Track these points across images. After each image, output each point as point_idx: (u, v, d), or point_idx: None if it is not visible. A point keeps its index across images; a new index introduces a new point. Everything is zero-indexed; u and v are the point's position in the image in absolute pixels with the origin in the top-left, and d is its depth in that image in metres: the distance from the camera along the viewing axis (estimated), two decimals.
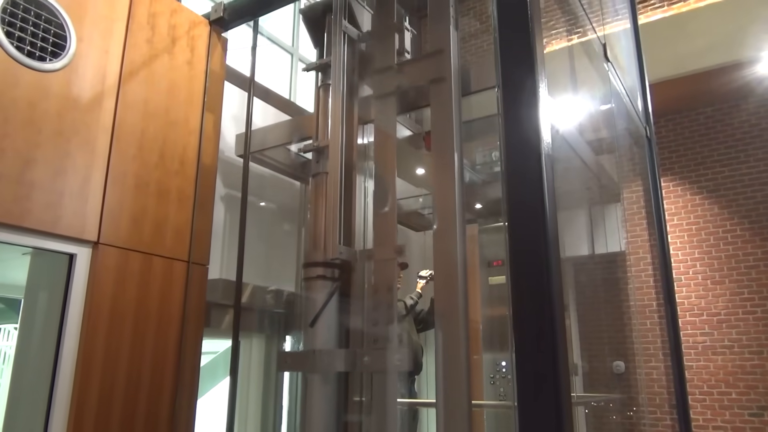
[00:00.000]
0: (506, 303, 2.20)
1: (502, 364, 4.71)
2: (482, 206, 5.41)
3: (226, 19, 3.47)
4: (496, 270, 5.25)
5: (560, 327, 1.91)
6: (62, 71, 2.74)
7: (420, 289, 4.66)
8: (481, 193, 5.33)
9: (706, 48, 6.88)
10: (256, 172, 4.35)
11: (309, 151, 3.36)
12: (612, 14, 5.99)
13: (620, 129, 5.14)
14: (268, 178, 4.59)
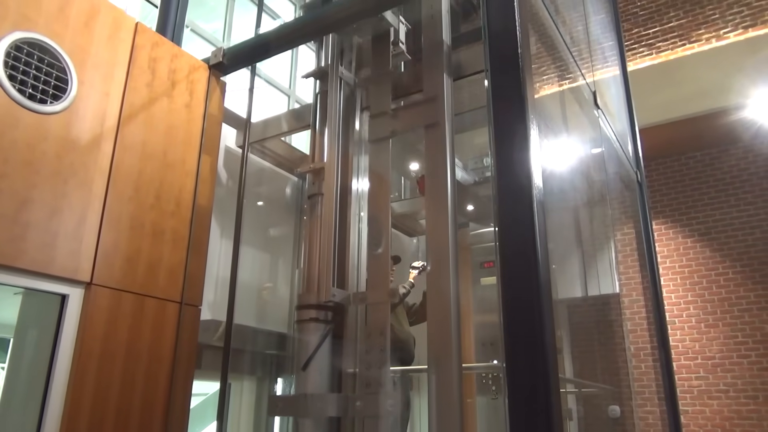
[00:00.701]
0: (497, 307, 2.22)
1: (494, 363, 4.64)
2: (474, 207, 5.40)
3: (225, 64, 3.54)
4: (488, 271, 5.27)
5: (554, 380, 1.91)
6: (62, 113, 2.78)
7: (412, 279, 4.64)
8: (473, 193, 5.33)
9: (694, 94, 7.06)
10: (251, 206, 4.38)
11: (305, 173, 3.40)
12: (601, 61, 6.15)
13: (611, 173, 5.22)
14: (263, 220, 4.62)
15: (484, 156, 5.27)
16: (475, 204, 5.23)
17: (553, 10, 3.97)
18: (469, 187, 5.24)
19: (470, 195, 5.13)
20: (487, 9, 2.65)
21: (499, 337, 2.16)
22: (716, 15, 7.59)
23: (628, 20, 8.09)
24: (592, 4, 6.26)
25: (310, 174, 3.38)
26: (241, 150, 3.90)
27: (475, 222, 5.51)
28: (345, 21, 3.25)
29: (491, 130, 2.52)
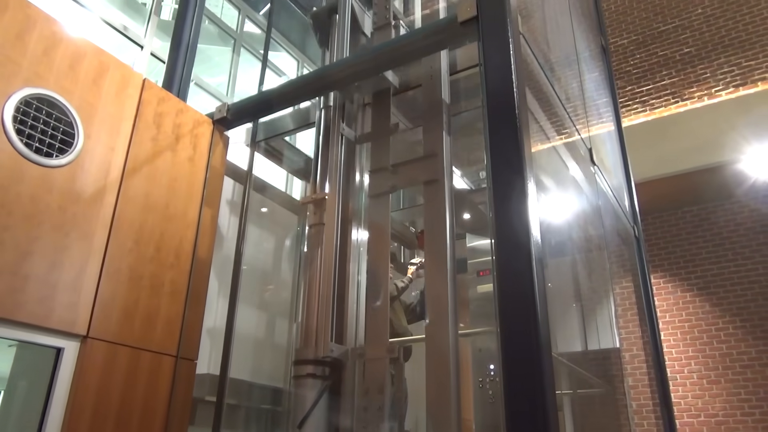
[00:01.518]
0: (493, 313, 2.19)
1: (491, 367, 4.55)
2: (470, 216, 5.36)
3: (229, 119, 3.62)
4: (484, 279, 5.23)
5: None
6: (67, 167, 2.82)
7: (411, 275, 4.62)
8: (469, 201, 5.32)
9: (688, 150, 7.18)
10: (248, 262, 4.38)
11: (307, 203, 3.45)
12: (596, 117, 6.28)
13: (608, 227, 5.26)
14: (261, 272, 4.62)
15: (480, 170, 5.31)
16: (471, 213, 5.24)
17: (548, 69, 4.09)
18: (466, 195, 5.27)
19: (467, 203, 5.16)
20: (485, 69, 2.74)
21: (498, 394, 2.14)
22: (707, 74, 7.81)
23: (622, 78, 8.32)
24: (586, 62, 6.44)
25: (311, 204, 3.40)
26: (242, 199, 3.94)
27: (471, 233, 5.49)
28: (346, 80, 3.34)
29: (489, 184, 2.56)
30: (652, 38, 8.40)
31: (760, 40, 7.62)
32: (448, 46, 3.20)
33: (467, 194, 5.02)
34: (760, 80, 7.41)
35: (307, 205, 3.46)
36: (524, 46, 3.07)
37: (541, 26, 5.48)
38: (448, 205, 3.01)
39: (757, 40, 7.64)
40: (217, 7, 6.99)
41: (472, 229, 5.05)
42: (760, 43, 7.61)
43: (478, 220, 5.01)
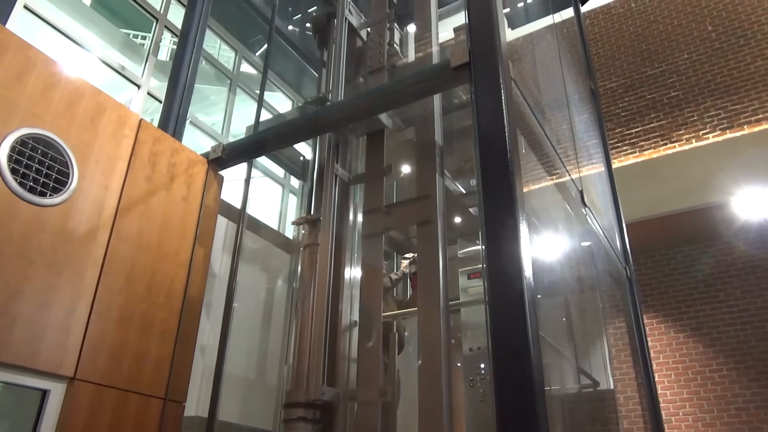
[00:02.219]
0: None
1: (481, 366, 4.48)
2: (461, 220, 5.33)
3: (224, 159, 3.65)
4: (474, 281, 5.20)
5: None
6: (61, 206, 2.82)
7: (404, 269, 4.67)
8: (461, 204, 5.31)
9: (678, 192, 7.26)
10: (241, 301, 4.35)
11: (300, 224, 3.49)
12: (586, 158, 6.36)
13: (600, 268, 5.27)
14: (250, 315, 4.58)
15: (471, 178, 5.35)
16: (463, 216, 5.23)
17: (538, 112, 4.17)
18: (458, 198, 5.27)
19: (459, 206, 5.16)
20: (477, 113, 2.78)
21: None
22: (695, 117, 7.97)
23: (611, 120, 8.47)
24: (576, 105, 6.57)
25: (306, 225, 3.43)
26: (235, 239, 3.93)
27: (462, 238, 5.47)
28: (341, 122, 3.39)
29: (482, 223, 2.58)
30: (640, 82, 8.59)
31: (744, 84, 7.81)
32: (441, 90, 3.27)
33: (459, 197, 5.05)
34: (746, 124, 7.57)
35: (302, 225, 3.51)
36: (515, 91, 3.14)
37: (532, 70, 5.61)
38: (441, 245, 3.02)
39: (741, 84, 7.83)
40: (214, 48, 7.12)
41: (463, 234, 5.07)
42: (744, 88, 7.80)
43: (469, 225, 5.01)
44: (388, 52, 3.89)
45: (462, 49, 2.87)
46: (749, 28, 8.10)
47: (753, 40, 8.00)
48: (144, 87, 5.75)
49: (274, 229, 5.35)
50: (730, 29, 8.23)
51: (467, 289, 4.87)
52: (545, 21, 7.05)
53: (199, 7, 4.42)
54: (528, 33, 7.80)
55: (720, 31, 8.31)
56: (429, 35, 4.23)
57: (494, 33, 2.88)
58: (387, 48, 3.90)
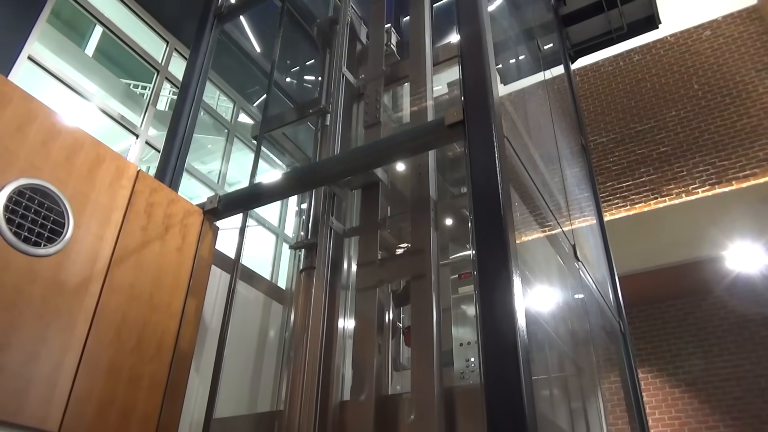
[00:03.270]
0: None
1: (471, 360, 4.36)
2: (453, 223, 5.29)
3: (220, 210, 3.67)
4: (464, 281, 5.11)
5: None
6: (54, 256, 2.82)
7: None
8: (451, 206, 5.27)
9: (669, 245, 7.34)
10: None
11: (299, 248, 3.58)
12: (578, 211, 6.44)
13: (594, 322, 5.26)
14: (241, 366, 4.51)
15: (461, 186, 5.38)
16: (454, 219, 5.20)
17: (531, 168, 4.25)
18: (449, 201, 5.25)
19: (449, 208, 5.14)
20: (471, 170, 2.84)
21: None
22: (684, 172, 8.12)
23: (602, 174, 8.61)
24: (567, 158, 6.69)
25: (304, 249, 3.50)
26: (228, 290, 3.91)
27: (454, 243, 5.43)
28: (336, 176, 3.44)
29: (476, 276, 2.59)
30: (630, 137, 8.79)
31: (731, 141, 8.00)
32: (436, 147, 3.34)
33: (450, 200, 5.08)
34: (734, 179, 7.71)
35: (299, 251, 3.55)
36: (508, 149, 3.21)
37: (524, 124, 5.73)
38: (436, 301, 3.02)
39: (729, 141, 8.02)
40: (213, 98, 7.25)
41: (453, 238, 5.06)
42: (731, 145, 7.98)
43: (460, 227, 5.00)
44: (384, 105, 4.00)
45: (456, 108, 2.95)
46: (734, 87, 8.36)
47: (738, 98, 8.25)
48: (142, 136, 5.82)
49: (267, 279, 5.33)
50: (716, 88, 8.49)
51: (457, 289, 4.88)
52: (536, 77, 7.27)
53: (200, 60, 4.54)
54: (520, 89, 8.01)
55: (706, 89, 8.57)
56: (424, 90, 4.35)
57: (488, 92, 2.97)
58: (383, 103, 4.00)
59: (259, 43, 6.65)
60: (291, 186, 3.59)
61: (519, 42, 6.98)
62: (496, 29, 6.10)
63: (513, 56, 7.27)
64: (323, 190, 3.64)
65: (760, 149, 7.76)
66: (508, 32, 6.64)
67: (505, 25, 6.61)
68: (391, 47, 4.50)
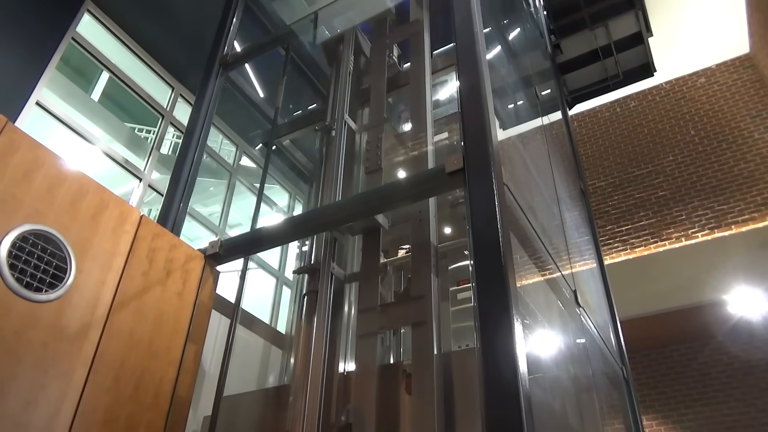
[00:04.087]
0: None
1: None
2: (452, 231, 5.23)
3: (221, 254, 3.69)
4: (463, 288, 5.04)
5: None
6: (56, 302, 2.82)
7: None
8: (450, 214, 5.23)
9: (670, 290, 7.30)
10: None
11: (301, 273, 3.59)
12: (578, 255, 6.44)
13: (596, 368, 5.20)
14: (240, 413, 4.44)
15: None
16: (452, 227, 5.14)
17: (530, 213, 4.28)
18: (448, 208, 5.20)
19: (448, 216, 5.09)
20: (471, 216, 2.86)
21: None
22: (683, 216, 8.16)
23: (602, 218, 8.65)
24: (566, 202, 6.74)
25: (306, 273, 3.54)
26: (227, 335, 3.89)
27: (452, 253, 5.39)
28: (338, 222, 3.47)
29: (477, 319, 2.59)
30: (628, 181, 8.87)
31: (729, 186, 8.07)
32: (436, 194, 3.37)
33: (449, 207, 5.06)
34: (734, 224, 7.74)
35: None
36: (508, 196, 3.25)
37: (523, 169, 5.80)
38: (436, 347, 3.01)
39: (726, 186, 8.09)
40: (216, 142, 7.35)
41: (451, 249, 5.04)
42: (729, 189, 8.05)
43: (460, 234, 4.97)
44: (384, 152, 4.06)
45: (457, 156, 2.99)
46: (730, 133, 8.49)
47: (734, 144, 8.36)
48: (145, 180, 5.88)
49: (267, 323, 5.30)
50: (712, 134, 8.61)
51: (456, 295, 4.83)
52: (535, 122, 7.39)
53: (205, 106, 4.62)
54: (519, 133, 8.13)
55: (702, 135, 8.69)
56: (424, 135, 4.42)
57: (487, 140, 3.03)
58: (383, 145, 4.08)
59: (263, 89, 6.79)
60: (293, 231, 3.61)
61: (517, 88, 7.12)
62: (494, 76, 6.23)
63: (512, 102, 7.41)
64: (324, 234, 3.66)
65: (758, 194, 7.82)
66: (507, 79, 6.78)
67: (504, 72, 6.76)
68: (393, 59, 4.74)
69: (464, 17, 3.44)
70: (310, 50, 5.68)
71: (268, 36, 5.81)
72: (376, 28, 4.87)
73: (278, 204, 7.53)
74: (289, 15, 5.97)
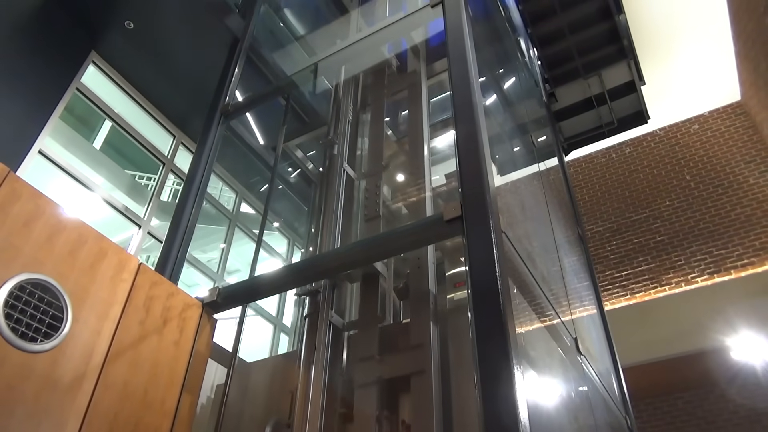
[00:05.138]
0: None
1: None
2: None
3: (219, 303, 3.66)
4: (459, 289, 4.89)
5: None
6: (50, 352, 2.78)
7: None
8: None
9: (672, 336, 7.23)
10: None
11: (303, 295, 3.60)
12: (578, 301, 6.40)
13: (599, 417, 5.10)
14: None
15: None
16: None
17: (529, 260, 4.27)
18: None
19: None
20: (470, 264, 2.86)
21: None
22: (682, 261, 8.15)
23: (601, 263, 8.64)
24: (564, 248, 6.74)
25: (308, 296, 3.54)
26: (224, 385, 3.83)
27: (448, 258, 5.28)
28: (337, 270, 3.46)
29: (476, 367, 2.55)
30: (626, 226, 8.90)
31: (727, 231, 8.10)
32: (434, 242, 3.38)
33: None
34: (733, 268, 7.73)
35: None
36: (506, 242, 3.25)
37: (521, 215, 5.83)
38: (435, 395, 2.96)
39: (724, 231, 8.12)
40: (216, 189, 7.40)
41: (448, 253, 4.96)
42: (727, 234, 8.07)
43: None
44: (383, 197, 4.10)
45: (455, 204, 3.01)
46: (725, 179, 8.57)
47: (730, 189, 8.43)
48: (145, 227, 5.90)
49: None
50: (707, 179, 8.70)
51: (453, 297, 4.76)
52: (532, 168, 7.47)
53: (206, 155, 4.68)
54: (516, 179, 8.21)
55: (698, 180, 8.77)
56: (422, 181, 4.46)
57: (484, 188, 3.05)
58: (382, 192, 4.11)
59: (263, 136, 6.88)
60: (292, 279, 3.60)
61: (514, 135, 7.23)
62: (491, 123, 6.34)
63: (508, 149, 7.51)
64: (323, 283, 3.64)
65: (755, 238, 7.84)
66: (503, 126, 6.90)
67: (500, 119, 6.88)
68: (393, 69, 4.91)
69: (461, 68, 3.53)
70: (310, 99, 5.79)
71: (269, 86, 5.93)
72: (375, 79, 4.98)
73: (277, 250, 7.53)
74: (290, 65, 6.12)
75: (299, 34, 7.07)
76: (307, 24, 7.34)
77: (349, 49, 4.73)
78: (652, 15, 9.46)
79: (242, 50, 5.52)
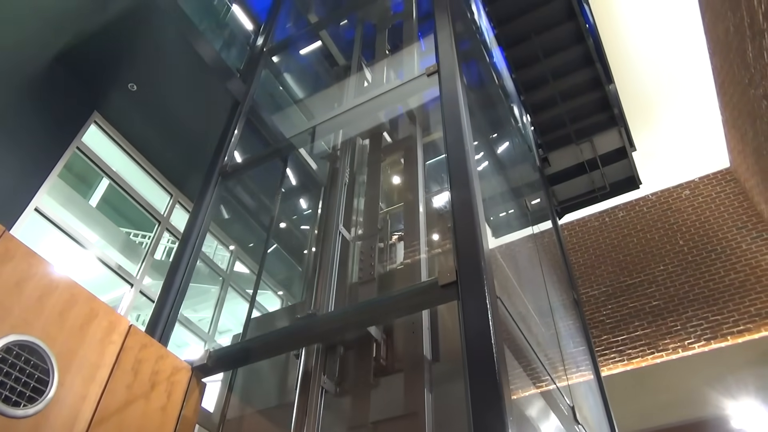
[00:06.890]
0: None
1: None
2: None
3: (209, 366, 3.59)
4: None
5: None
6: (33, 417, 2.70)
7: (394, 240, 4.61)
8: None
9: (670, 403, 7.09)
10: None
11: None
12: (574, 366, 6.30)
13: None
14: None
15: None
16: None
17: (524, 326, 4.23)
18: (442, 216, 5.00)
19: (443, 226, 4.86)
20: (465, 329, 2.83)
21: None
22: (678, 326, 8.08)
23: (597, 327, 8.56)
24: (559, 312, 6.69)
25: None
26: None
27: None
28: (330, 334, 3.42)
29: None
30: (621, 291, 8.87)
31: (722, 296, 8.07)
32: (429, 306, 3.36)
33: (440, 215, 4.90)
34: (729, 334, 7.67)
35: None
36: (501, 308, 3.23)
37: (516, 279, 5.81)
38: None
39: (719, 296, 8.10)
40: (210, 248, 7.39)
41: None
42: (722, 299, 8.04)
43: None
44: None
45: (449, 269, 3.01)
46: (718, 244, 8.62)
47: (723, 254, 8.47)
48: (137, 286, 5.84)
49: None
50: (701, 244, 8.75)
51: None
52: (526, 231, 7.52)
53: (202, 215, 4.69)
54: (511, 241, 8.24)
55: (691, 245, 8.82)
56: (417, 243, 4.47)
57: (479, 254, 3.06)
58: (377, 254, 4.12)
59: (259, 196, 6.93)
60: (285, 342, 3.54)
61: (508, 199, 7.31)
62: (485, 187, 6.42)
63: (503, 211, 7.58)
64: (315, 347, 3.59)
65: (750, 304, 7.81)
66: (498, 190, 6.98)
67: (495, 183, 6.98)
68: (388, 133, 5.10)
69: (456, 136, 3.60)
70: (307, 161, 5.88)
71: (268, 148, 6.03)
72: (371, 143, 5.07)
73: (269, 309, 7.44)
74: (288, 128, 6.25)
75: (298, 98, 7.25)
76: (306, 88, 7.54)
77: (347, 114, 4.84)
78: (642, 84, 9.78)
79: (242, 113, 5.64)
